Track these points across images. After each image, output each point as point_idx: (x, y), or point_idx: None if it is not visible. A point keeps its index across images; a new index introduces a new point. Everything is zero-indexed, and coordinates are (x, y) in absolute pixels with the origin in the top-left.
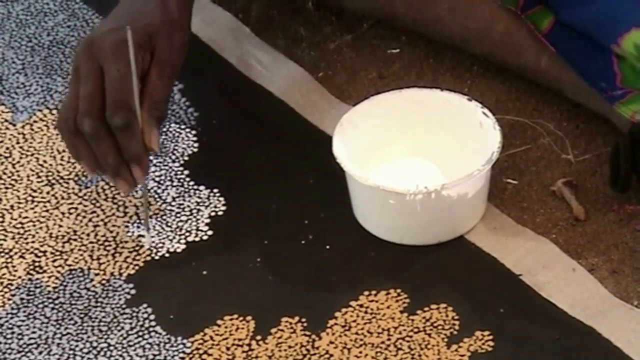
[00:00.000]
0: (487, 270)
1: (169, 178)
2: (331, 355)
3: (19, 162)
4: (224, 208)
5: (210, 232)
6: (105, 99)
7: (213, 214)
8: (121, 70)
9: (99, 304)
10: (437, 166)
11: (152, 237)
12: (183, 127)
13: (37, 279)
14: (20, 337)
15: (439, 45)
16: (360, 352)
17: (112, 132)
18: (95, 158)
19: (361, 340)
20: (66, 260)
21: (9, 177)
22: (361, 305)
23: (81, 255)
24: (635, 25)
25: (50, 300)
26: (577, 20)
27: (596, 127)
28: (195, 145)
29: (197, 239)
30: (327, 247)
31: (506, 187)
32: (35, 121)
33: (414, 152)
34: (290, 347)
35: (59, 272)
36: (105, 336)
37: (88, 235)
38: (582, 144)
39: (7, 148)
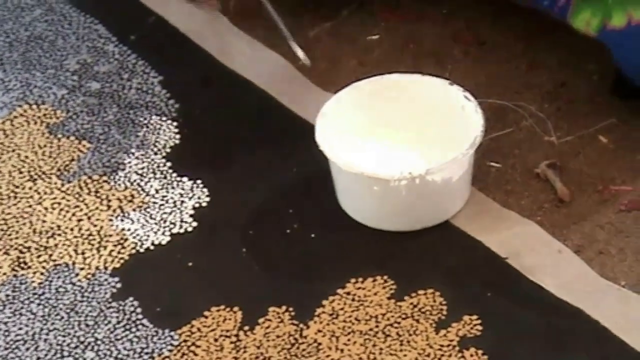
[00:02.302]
0: (473, 254)
1: (151, 170)
2: (319, 344)
3: (0, 158)
4: (207, 199)
5: (194, 224)
6: None
7: (197, 205)
8: None
9: (85, 299)
10: (420, 151)
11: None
12: (164, 119)
13: (22, 275)
14: (6, 333)
15: (418, 31)
16: (349, 340)
17: None
18: None
19: (349, 327)
20: (51, 255)
21: None
22: (348, 293)
23: (66, 250)
24: None
25: (36, 296)
26: None
27: (578, 109)
28: (177, 137)
29: (182, 230)
30: (312, 235)
31: (490, 171)
32: (15, 117)
33: (397, 138)
34: (278, 336)
35: (44, 267)
36: (92, 330)
37: (72, 229)
38: (564, 126)
39: None
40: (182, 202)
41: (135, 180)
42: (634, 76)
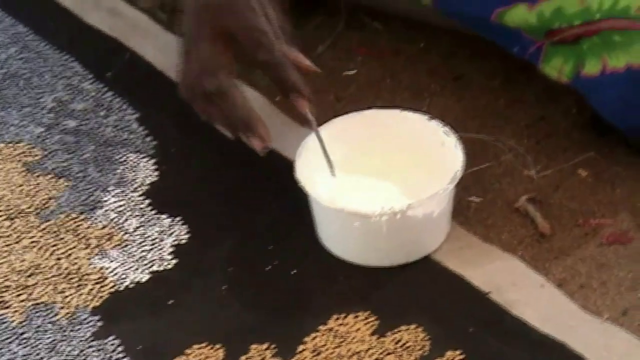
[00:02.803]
0: (455, 289)
1: (129, 208)
2: None
3: None
4: (187, 236)
5: (174, 261)
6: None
7: (176, 242)
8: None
9: (65, 338)
10: (401, 186)
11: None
12: (142, 156)
13: (2, 314)
14: None
15: (395, 66)
16: None
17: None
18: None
19: None
20: (30, 294)
21: None
22: (330, 329)
23: (45, 288)
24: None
25: (16, 336)
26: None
27: (557, 143)
28: (155, 174)
29: (161, 268)
30: (293, 272)
31: (470, 206)
32: None
33: (377, 173)
34: None
35: (23, 306)
36: None
37: (51, 268)
38: (543, 160)
39: None
40: (162, 239)
41: (113, 218)
42: (610, 120)
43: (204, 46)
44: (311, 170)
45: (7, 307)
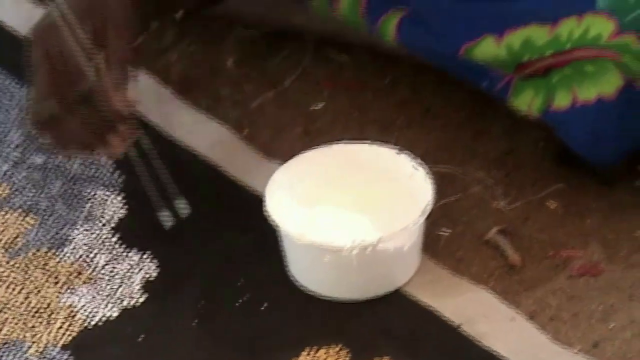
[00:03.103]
0: (426, 322)
1: (98, 244)
2: None
3: None
4: (156, 272)
5: (144, 297)
6: (62, 75)
7: (146, 278)
8: (73, 40)
9: None
10: (371, 220)
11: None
12: (110, 191)
13: None
14: None
15: (362, 99)
16: None
17: (79, 105)
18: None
19: None
20: (0, 331)
21: None
22: None
23: (15, 325)
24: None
25: None
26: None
27: (525, 175)
28: (124, 209)
29: (131, 304)
30: (264, 306)
31: (440, 238)
32: None
33: (347, 207)
34: None
35: None
36: None
37: (20, 305)
38: (512, 192)
39: None
40: (131, 275)
41: (82, 254)
42: (581, 152)
43: (40, 72)
44: (281, 204)
45: None
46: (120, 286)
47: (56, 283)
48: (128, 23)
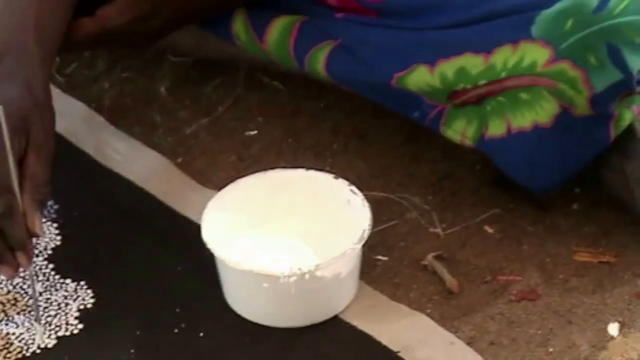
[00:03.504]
0: (364, 349)
1: (34, 272)
2: None
3: None
4: (92, 301)
5: (80, 326)
6: None
7: (82, 307)
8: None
9: None
10: (307, 246)
11: (44, 330)
12: (44, 220)
13: None
14: None
15: (296, 125)
16: None
17: None
18: None
19: None
20: None
21: None
22: None
23: None
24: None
25: None
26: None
27: (462, 200)
28: (58, 238)
29: (68, 333)
30: (201, 334)
31: (376, 264)
32: None
33: (285, 233)
34: None
35: None
36: None
37: None
38: (449, 217)
39: None
40: (67, 304)
41: (17, 283)
42: (518, 180)
43: None
44: (218, 231)
45: None
46: (56, 315)
47: None
48: (51, 148)
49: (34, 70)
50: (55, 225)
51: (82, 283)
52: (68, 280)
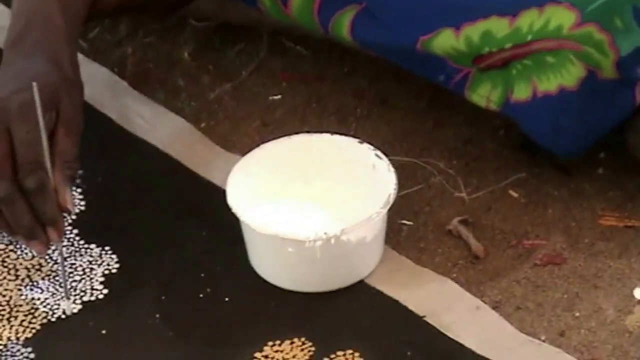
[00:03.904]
0: (390, 314)
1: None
2: None
3: None
4: (117, 266)
5: (105, 291)
6: (15, 162)
7: (107, 272)
8: (30, 132)
9: None
10: (333, 211)
11: (73, 302)
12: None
13: None
14: None
15: (320, 90)
16: None
17: (25, 194)
18: (5, 221)
19: None
20: None
21: None
22: (266, 357)
23: None
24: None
25: None
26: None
27: (486, 164)
28: (82, 203)
29: (93, 298)
30: (226, 299)
31: (402, 229)
32: None
33: (309, 198)
34: None
35: None
36: None
37: None
38: (474, 182)
39: None
40: (92, 269)
41: None
42: (543, 144)
43: None
44: (243, 196)
45: None
46: (81, 280)
47: (16, 278)
48: (79, 123)
49: (60, 44)
50: (79, 190)
51: (106, 248)
52: (93, 246)
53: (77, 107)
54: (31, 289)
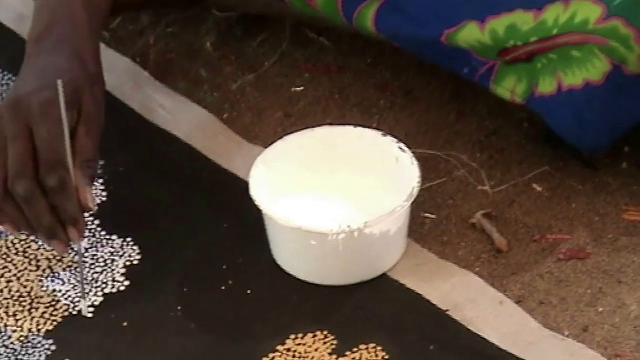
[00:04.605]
0: (413, 308)
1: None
2: None
3: None
4: (138, 257)
5: (127, 283)
6: (37, 160)
7: (128, 263)
8: (52, 130)
9: None
10: (356, 204)
11: (89, 302)
12: None
13: None
14: None
15: (343, 82)
16: None
17: (46, 193)
18: (26, 220)
19: None
20: None
21: None
22: (288, 350)
23: None
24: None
25: None
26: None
27: (510, 157)
28: (104, 194)
29: (114, 290)
30: (249, 292)
31: (425, 222)
32: None
33: (332, 191)
34: None
35: None
36: None
37: (2, 291)
38: (497, 175)
39: None
40: (113, 260)
41: None
42: (568, 138)
43: (15, 146)
44: (266, 188)
45: None
46: (102, 272)
47: (37, 269)
48: (101, 121)
49: (84, 40)
50: (100, 181)
51: (128, 239)
52: (114, 237)
53: (99, 104)
54: (52, 280)
